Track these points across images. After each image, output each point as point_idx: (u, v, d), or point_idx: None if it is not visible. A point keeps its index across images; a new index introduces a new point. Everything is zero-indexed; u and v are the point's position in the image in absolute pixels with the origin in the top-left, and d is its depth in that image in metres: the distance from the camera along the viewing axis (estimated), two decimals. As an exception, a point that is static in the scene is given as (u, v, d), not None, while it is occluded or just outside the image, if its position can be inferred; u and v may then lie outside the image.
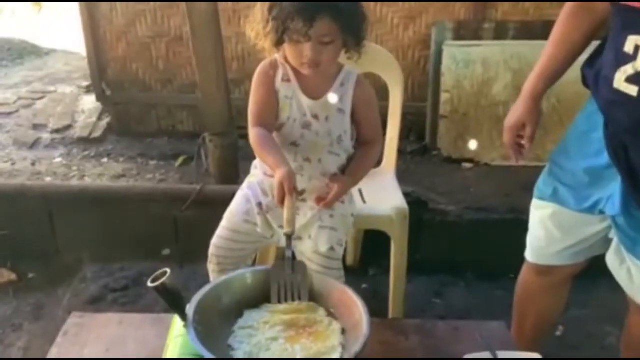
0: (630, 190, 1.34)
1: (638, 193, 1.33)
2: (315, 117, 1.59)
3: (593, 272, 1.63)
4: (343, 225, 1.66)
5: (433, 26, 3.15)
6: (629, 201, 1.37)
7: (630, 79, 1.23)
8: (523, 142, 1.59)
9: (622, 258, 1.47)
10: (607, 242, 1.54)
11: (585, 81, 1.46)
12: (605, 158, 1.39)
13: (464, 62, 3.04)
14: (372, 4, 3.18)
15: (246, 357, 1.10)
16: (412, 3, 3.19)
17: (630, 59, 1.22)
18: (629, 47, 1.22)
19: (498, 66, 3.01)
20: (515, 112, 1.58)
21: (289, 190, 1.38)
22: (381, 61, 2.15)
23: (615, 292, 1.58)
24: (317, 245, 1.61)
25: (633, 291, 1.49)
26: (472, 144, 3.12)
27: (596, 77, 1.37)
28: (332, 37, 1.48)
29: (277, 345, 1.12)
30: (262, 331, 1.16)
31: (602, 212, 1.46)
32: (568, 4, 1.48)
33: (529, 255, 1.70)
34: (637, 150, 1.30)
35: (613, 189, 1.40)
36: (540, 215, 1.62)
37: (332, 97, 1.59)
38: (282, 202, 1.40)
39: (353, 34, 1.52)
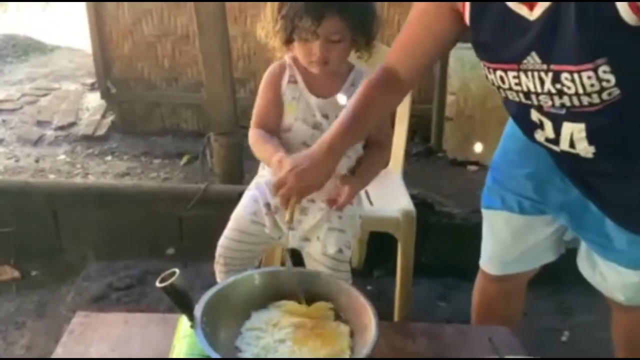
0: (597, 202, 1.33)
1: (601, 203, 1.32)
2: (325, 116, 1.59)
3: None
4: (351, 226, 1.65)
5: (440, 27, 3.15)
6: (584, 210, 1.36)
7: (548, 141, 1.25)
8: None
9: (593, 263, 1.47)
10: (560, 244, 1.57)
11: None
12: (545, 163, 1.37)
13: (471, 64, 3.03)
14: (378, 4, 3.16)
15: (254, 358, 1.09)
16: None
17: (540, 127, 1.24)
18: (534, 117, 1.23)
19: (505, 69, 3.00)
20: (311, 168, 1.35)
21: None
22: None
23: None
24: (325, 247, 1.60)
25: (609, 290, 1.49)
26: (478, 147, 3.12)
27: (513, 116, 1.37)
28: (340, 35, 1.48)
29: (285, 347, 1.11)
30: (269, 333, 1.15)
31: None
32: (375, 72, 1.42)
33: (485, 265, 1.69)
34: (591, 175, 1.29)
35: (562, 199, 1.41)
36: (491, 224, 1.62)
37: (342, 98, 1.59)
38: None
39: (362, 33, 1.53)
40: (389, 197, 2.07)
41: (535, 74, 1.11)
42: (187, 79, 3.48)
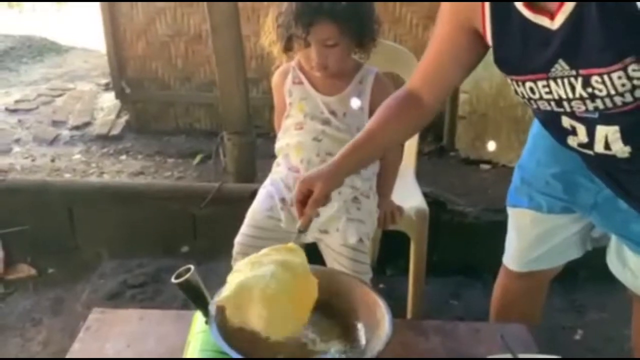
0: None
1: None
2: (333, 113, 1.63)
3: (612, 276, 1.61)
4: (370, 219, 1.68)
5: (452, 26, 3.14)
6: (614, 209, 1.35)
7: (582, 146, 1.23)
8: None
9: (624, 260, 1.45)
10: (586, 241, 1.56)
11: None
12: (574, 164, 1.36)
13: (483, 62, 2.99)
14: (390, 3, 3.18)
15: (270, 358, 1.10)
16: (432, 3, 3.17)
17: (572, 133, 1.23)
18: (566, 124, 1.22)
19: (518, 67, 2.99)
20: (317, 175, 1.33)
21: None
22: (402, 60, 2.14)
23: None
24: (345, 237, 1.61)
25: (639, 287, 1.48)
26: (491, 145, 3.11)
27: (543, 123, 1.35)
28: (334, 40, 1.52)
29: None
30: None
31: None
32: (395, 94, 1.38)
33: (508, 261, 1.68)
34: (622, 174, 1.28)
35: (593, 199, 1.40)
36: (518, 223, 1.61)
37: (355, 101, 1.63)
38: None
39: (356, 35, 1.55)
40: (402, 195, 2.07)
41: (565, 80, 1.10)
42: (201, 78, 3.50)
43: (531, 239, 1.58)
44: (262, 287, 1.06)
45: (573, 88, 1.10)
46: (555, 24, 1.07)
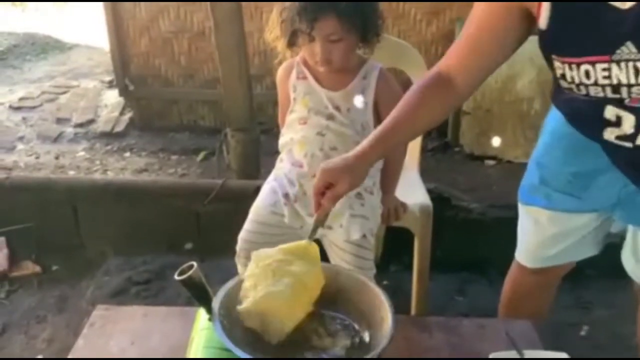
0: None
1: None
2: (337, 108, 1.63)
3: (618, 273, 1.60)
4: (373, 215, 1.67)
5: (457, 21, 3.13)
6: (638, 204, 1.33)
7: (621, 138, 1.19)
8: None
9: (638, 257, 1.44)
10: (603, 238, 1.53)
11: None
12: (594, 161, 1.34)
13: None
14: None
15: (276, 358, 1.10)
16: (436, -2, 3.17)
17: (614, 124, 1.19)
18: (609, 115, 1.18)
19: (523, 62, 2.97)
20: (342, 168, 1.27)
21: None
22: (405, 56, 2.13)
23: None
24: (349, 233, 1.61)
25: None
26: (495, 141, 3.09)
27: (574, 116, 1.32)
28: (338, 35, 1.52)
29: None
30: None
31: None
32: (425, 77, 1.30)
33: (522, 258, 1.65)
34: None
35: (615, 196, 1.37)
36: (535, 221, 1.56)
37: (358, 99, 1.62)
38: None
39: (360, 30, 1.55)
40: (406, 191, 2.06)
41: (630, 64, 1.05)
42: (204, 75, 3.50)
43: (548, 237, 1.55)
44: (283, 304, 1.10)
45: (637, 73, 1.06)
46: (628, 3, 1.02)
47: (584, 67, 1.11)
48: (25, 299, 2.42)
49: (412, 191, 2.07)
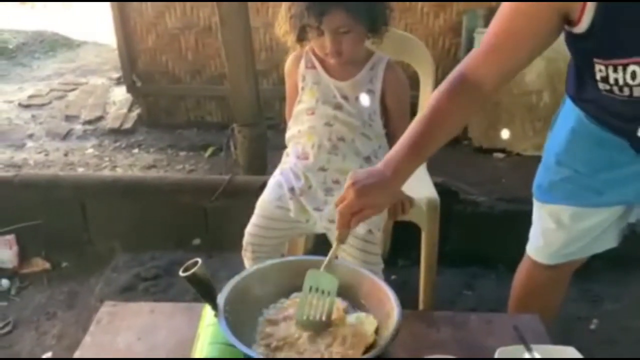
0: None
1: None
2: (345, 98, 1.64)
3: (627, 266, 1.59)
4: None
5: (464, 14, 3.11)
6: None
7: None
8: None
9: None
10: (623, 229, 1.53)
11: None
12: (617, 157, 1.33)
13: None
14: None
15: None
16: (442, -9, 3.14)
17: None
18: None
19: (531, 54, 2.94)
20: (379, 186, 1.20)
21: None
22: (412, 49, 2.12)
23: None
24: (355, 228, 1.60)
25: None
26: (504, 134, 3.07)
27: (606, 115, 1.29)
28: (347, 27, 1.53)
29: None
30: None
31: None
32: (449, 80, 1.25)
33: (537, 254, 1.63)
34: None
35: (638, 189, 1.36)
36: (557, 220, 1.53)
37: (364, 98, 1.63)
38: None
39: (370, 22, 1.55)
40: (413, 185, 2.04)
41: None
42: (211, 71, 3.50)
43: (572, 234, 1.52)
44: None
45: None
46: None
47: (631, 68, 1.08)
48: (35, 295, 2.44)
49: (419, 185, 2.06)
